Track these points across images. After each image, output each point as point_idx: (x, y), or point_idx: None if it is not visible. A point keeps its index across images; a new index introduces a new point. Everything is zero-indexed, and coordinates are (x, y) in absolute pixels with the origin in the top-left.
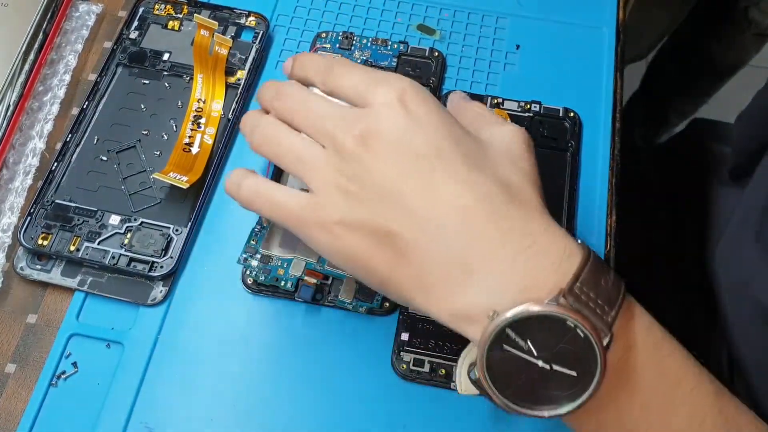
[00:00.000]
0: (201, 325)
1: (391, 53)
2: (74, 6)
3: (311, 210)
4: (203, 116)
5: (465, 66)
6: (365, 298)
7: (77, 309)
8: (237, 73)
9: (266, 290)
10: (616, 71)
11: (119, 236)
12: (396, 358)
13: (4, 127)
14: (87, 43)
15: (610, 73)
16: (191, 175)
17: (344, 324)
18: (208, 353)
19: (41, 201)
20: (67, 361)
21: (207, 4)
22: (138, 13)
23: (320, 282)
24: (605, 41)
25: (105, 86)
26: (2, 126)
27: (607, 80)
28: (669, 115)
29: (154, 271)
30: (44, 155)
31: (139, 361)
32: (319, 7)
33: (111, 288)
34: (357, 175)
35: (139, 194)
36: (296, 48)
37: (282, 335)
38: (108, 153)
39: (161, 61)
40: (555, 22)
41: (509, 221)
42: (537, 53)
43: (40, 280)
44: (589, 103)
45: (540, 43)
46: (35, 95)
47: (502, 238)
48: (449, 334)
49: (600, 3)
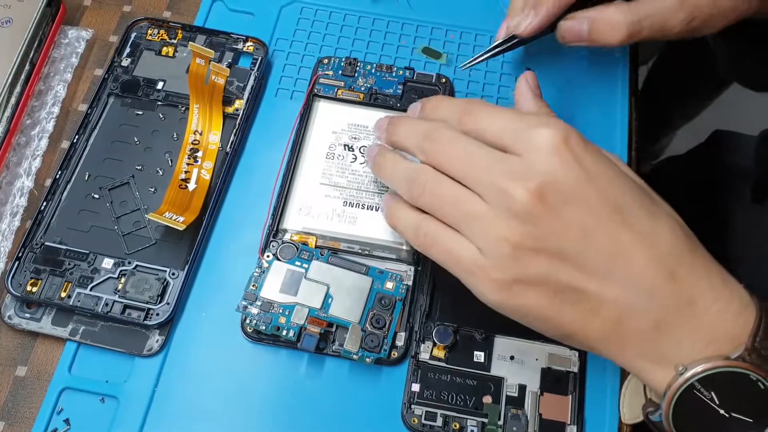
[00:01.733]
0: (199, 377)
1: (396, 80)
2: (62, 32)
3: (486, 267)
4: (200, 149)
5: (473, 91)
6: (372, 348)
7: (69, 360)
8: (235, 103)
9: (267, 339)
10: (631, 96)
11: (113, 281)
12: (407, 411)
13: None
14: (77, 71)
15: (624, 98)
16: (188, 214)
17: (350, 374)
18: (208, 406)
19: (30, 244)
20: (59, 417)
21: (203, 28)
22: (130, 38)
23: (324, 330)
24: (619, 65)
25: (96, 118)
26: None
27: (621, 106)
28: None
29: (149, 319)
30: (33, 194)
31: (135, 416)
32: (319, 30)
33: (104, 338)
34: (535, 232)
35: (133, 234)
36: (296, 74)
37: (284, 387)
38: (100, 190)
39: (155, 90)
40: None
41: (695, 274)
42: (548, 78)
43: (30, 330)
44: (604, 131)
45: (551, 67)
46: (22, 129)
47: (691, 294)
48: (462, 385)
49: None
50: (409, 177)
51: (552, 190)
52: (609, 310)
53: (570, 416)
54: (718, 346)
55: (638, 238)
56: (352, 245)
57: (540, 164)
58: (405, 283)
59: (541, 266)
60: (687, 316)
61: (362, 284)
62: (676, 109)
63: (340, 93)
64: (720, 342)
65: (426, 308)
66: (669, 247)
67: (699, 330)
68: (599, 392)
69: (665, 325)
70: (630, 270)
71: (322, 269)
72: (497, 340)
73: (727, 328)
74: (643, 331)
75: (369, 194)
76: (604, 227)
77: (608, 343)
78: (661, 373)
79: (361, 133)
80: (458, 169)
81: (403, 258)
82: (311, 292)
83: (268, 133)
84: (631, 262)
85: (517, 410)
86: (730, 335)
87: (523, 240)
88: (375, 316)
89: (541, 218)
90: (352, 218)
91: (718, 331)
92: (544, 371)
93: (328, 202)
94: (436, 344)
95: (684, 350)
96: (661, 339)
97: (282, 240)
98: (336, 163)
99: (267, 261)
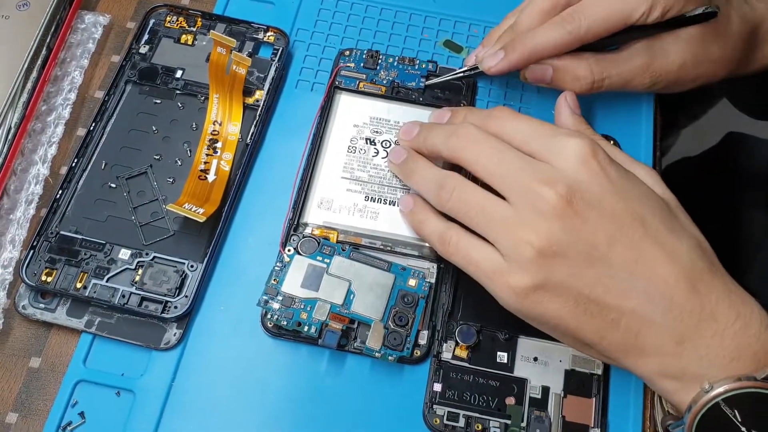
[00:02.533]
0: (217, 372)
1: (419, 73)
2: (79, 17)
3: (506, 273)
4: (219, 140)
5: (496, 88)
6: (395, 346)
7: (84, 353)
8: (255, 94)
9: (288, 334)
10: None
11: (130, 272)
12: (428, 411)
13: (5, 151)
14: (93, 57)
15: (650, 97)
16: (208, 206)
17: (371, 372)
18: (225, 402)
19: (45, 233)
20: (74, 410)
21: (222, 17)
22: (148, 25)
23: (346, 326)
24: None
25: (113, 105)
26: (2, 150)
27: (647, 106)
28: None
29: (167, 312)
30: (48, 181)
31: (151, 411)
32: (341, 21)
33: (121, 330)
34: (560, 236)
35: (151, 225)
36: (317, 66)
37: (304, 383)
38: (117, 179)
39: (174, 78)
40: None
41: (715, 293)
42: None
43: (44, 321)
44: (629, 130)
45: None
46: (38, 116)
47: (712, 311)
48: (485, 386)
49: None
50: (439, 182)
51: (580, 196)
52: (630, 321)
53: (594, 419)
54: (740, 365)
55: (660, 252)
56: (374, 241)
57: (569, 171)
58: (428, 280)
59: (564, 273)
60: (709, 332)
61: (385, 281)
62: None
63: (362, 86)
64: (742, 360)
65: (449, 307)
66: (690, 264)
67: (721, 347)
68: (623, 395)
69: (687, 340)
70: (651, 282)
71: (344, 265)
72: (521, 340)
73: (750, 346)
74: (664, 345)
75: (391, 189)
76: (627, 238)
77: (628, 355)
78: (685, 389)
79: (383, 126)
80: (484, 167)
81: (426, 255)
82: (333, 288)
83: (288, 125)
84: (653, 275)
85: (540, 412)
86: (752, 353)
87: (548, 243)
88: (398, 313)
89: (567, 222)
90: (374, 213)
91: (741, 349)
92: (568, 373)
93: (349, 196)
94: (458, 344)
95: (705, 367)
96: (682, 354)
97: (303, 234)
98: (357, 156)
99: (288, 255)
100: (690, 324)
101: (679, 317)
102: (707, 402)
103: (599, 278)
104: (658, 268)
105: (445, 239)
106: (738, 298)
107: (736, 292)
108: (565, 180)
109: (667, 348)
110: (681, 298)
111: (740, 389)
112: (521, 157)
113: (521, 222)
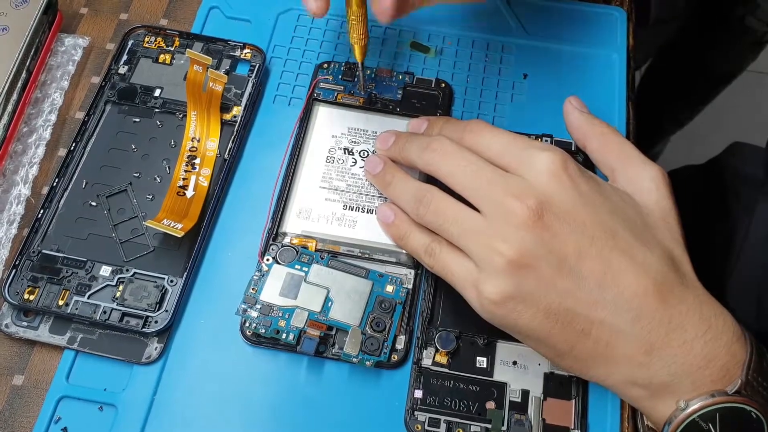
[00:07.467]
0: (199, 383)
1: (396, 84)
2: (59, 40)
3: (479, 281)
4: (198, 156)
5: (471, 97)
6: (372, 352)
7: (67, 369)
8: (233, 109)
9: (266, 342)
10: (628, 101)
11: (111, 288)
12: (410, 418)
13: None
14: (73, 78)
15: (622, 102)
16: (186, 221)
17: (350, 378)
18: (207, 413)
19: (27, 252)
20: (57, 426)
21: (200, 36)
22: (127, 46)
23: (324, 333)
24: (616, 68)
25: (93, 125)
26: None
27: (619, 110)
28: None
29: (148, 326)
30: (30, 201)
31: (133, 425)
32: (316, 37)
33: (103, 346)
34: (530, 248)
35: (131, 242)
36: (294, 81)
37: (284, 390)
38: (97, 198)
39: (152, 97)
40: (563, 50)
41: (685, 304)
42: (545, 82)
43: (27, 338)
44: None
45: (548, 72)
46: (19, 137)
47: (681, 322)
48: (465, 391)
49: (609, 29)
50: (417, 196)
51: (550, 209)
52: (599, 332)
53: (573, 421)
54: (708, 373)
55: (629, 264)
56: (352, 248)
57: (540, 185)
58: (405, 286)
59: (534, 284)
60: (678, 341)
61: (362, 288)
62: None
63: (340, 97)
64: (710, 369)
65: (428, 314)
66: (660, 276)
67: (690, 356)
68: (602, 396)
69: (655, 350)
70: (619, 293)
71: (322, 273)
72: (500, 345)
73: (720, 357)
74: (633, 354)
75: (369, 198)
76: (597, 250)
77: (598, 364)
78: (652, 397)
79: (361, 137)
80: (459, 181)
81: (403, 261)
82: (311, 296)
83: (266, 139)
84: (621, 286)
85: (520, 415)
86: (721, 365)
87: (518, 254)
88: (375, 319)
89: (537, 235)
90: (352, 221)
91: (709, 360)
92: (547, 376)
93: (327, 205)
94: (438, 350)
95: (673, 375)
96: (651, 363)
97: (282, 243)
98: (336, 166)
99: (267, 264)
100: (659, 334)
101: (648, 327)
102: (684, 419)
103: (569, 290)
104: (627, 280)
105: (428, 251)
106: (710, 310)
107: (708, 303)
108: (535, 193)
109: (636, 357)
110: (649, 309)
111: (714, 405)
112: (494, 171)
113: (493, 233)
